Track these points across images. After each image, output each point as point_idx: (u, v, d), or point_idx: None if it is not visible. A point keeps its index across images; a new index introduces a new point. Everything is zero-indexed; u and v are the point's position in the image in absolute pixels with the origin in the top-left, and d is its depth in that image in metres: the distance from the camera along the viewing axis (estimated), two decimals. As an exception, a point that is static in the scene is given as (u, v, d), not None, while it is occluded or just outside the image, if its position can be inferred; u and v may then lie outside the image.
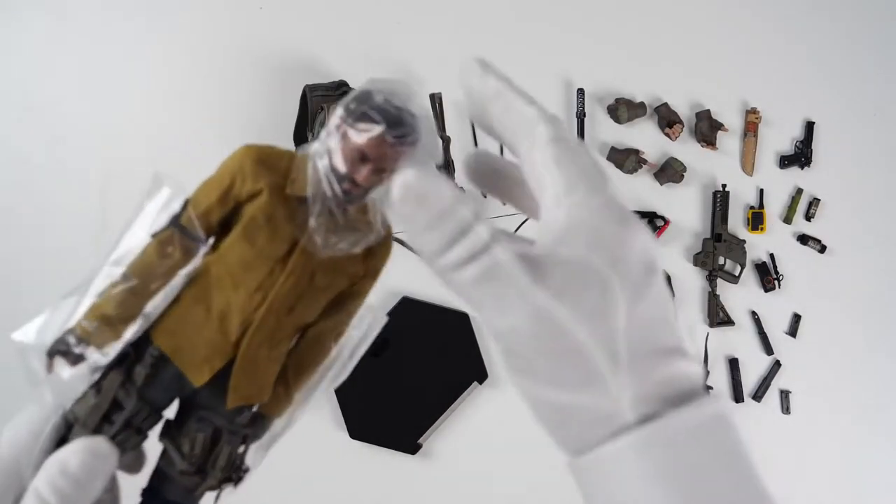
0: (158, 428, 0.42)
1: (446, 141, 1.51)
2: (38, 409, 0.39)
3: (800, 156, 1.65)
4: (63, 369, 0.40)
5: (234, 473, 0.42)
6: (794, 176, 1.66)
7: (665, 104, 1.60)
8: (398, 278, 1.45)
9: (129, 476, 0.42)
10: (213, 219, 0.41)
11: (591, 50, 1.61)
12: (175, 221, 0.40)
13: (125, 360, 0.40)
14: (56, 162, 1.48)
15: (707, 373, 1.59)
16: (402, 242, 0.40)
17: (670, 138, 1.60)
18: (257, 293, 0.39)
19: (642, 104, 1.60)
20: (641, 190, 1.61)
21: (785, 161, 1.65)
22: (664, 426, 0.29)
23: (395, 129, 0.35)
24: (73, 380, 0.40)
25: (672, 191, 1.62)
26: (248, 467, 0.42)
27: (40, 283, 1.47)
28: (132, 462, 0.42)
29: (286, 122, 1.51)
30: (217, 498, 0.42)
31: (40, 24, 1.49)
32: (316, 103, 1.46)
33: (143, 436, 0.41)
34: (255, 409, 0.42)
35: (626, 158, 1.58)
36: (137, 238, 0.40)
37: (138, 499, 0.42)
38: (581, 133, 1.57)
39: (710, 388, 1.57)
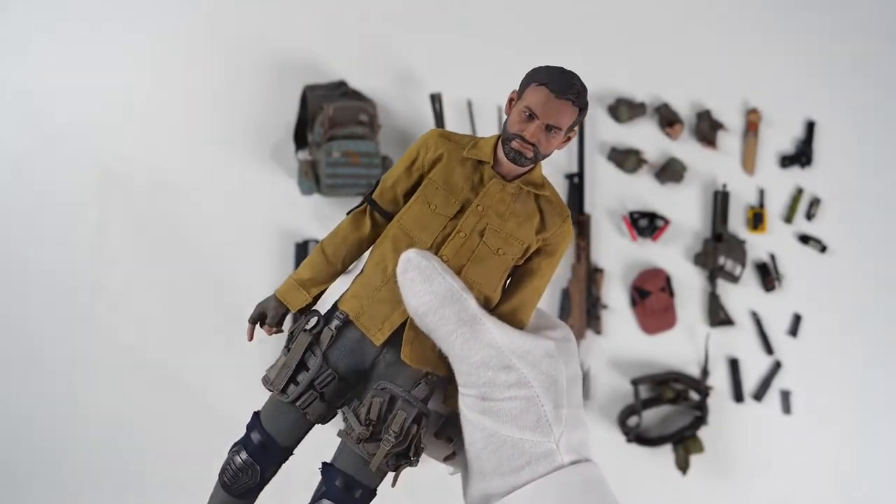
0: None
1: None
2: None
3: (800, 155, 1.65)
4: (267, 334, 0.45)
5: (411, 450, 0.42)
6: (795, 176, 1.66)
7: (665, 104, 1.60)
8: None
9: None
10: (399, 189, 0.44)
11: (592, 50, 1.60)
12: (368, 196, 0.44)
13: (315, 326, 0.43)
14: (56, 161, 1.48)
15: (707, 373, 1.59)
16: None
17: (671, 138, 1.60)
18: (430, 250, 0.42)
19: (642, 104, 1.59)
20: (642, 190, 1.61)
21: (786, 161, 1.65)
22: (582, 469, 0.40)
23: (560, 88, 0.40)
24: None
25: (672, 191, 1.62)
26: (423, 446, 0.43)
27: (39, 281, 1.47)
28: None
29: (286, 122, 1.51)
30: (395, 477, 0.44)
31: (40, 23, 1.49)
32: (316, 103, 1.45)
33: (325, 403, 0.43)
34: (431, 380, 0.42)
35: (626, 158, 1.57)
36: None
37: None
38: (581, 133, 1.57)
39: (710, 388, 1.57)
